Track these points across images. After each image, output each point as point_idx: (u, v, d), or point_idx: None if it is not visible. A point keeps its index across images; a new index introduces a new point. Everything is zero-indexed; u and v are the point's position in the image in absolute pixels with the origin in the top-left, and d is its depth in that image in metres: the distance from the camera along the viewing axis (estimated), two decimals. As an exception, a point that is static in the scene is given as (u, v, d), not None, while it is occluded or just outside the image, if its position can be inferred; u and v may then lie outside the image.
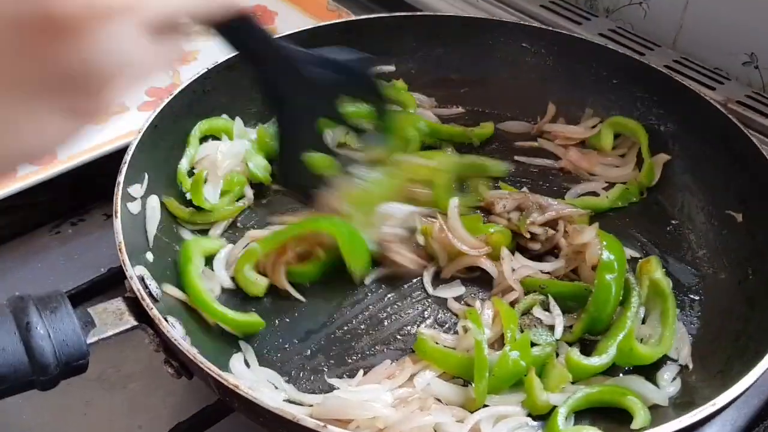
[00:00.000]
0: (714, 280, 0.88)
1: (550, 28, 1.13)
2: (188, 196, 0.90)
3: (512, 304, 0.82)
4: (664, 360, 0.79)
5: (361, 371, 0.77)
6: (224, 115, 1.00)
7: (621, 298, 0.80)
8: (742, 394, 0.67)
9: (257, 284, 0.83)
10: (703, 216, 0.94)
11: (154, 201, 0.87)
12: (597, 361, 0.76)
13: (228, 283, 0.85)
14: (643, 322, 0.81)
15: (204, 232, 0.91)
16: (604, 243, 0.81)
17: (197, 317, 0.80)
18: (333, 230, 0.82)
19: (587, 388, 0.74)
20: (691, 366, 0.78)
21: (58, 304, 0.63)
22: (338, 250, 0.82)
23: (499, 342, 0.78)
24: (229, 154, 0.94)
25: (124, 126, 1.04)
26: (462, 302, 0.85)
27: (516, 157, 1.04)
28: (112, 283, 0.90)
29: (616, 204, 0.96)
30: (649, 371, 0.78)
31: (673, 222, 0.96)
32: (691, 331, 0.82)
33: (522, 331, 0.79)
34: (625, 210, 0.97)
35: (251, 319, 0.80)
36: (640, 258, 0.88)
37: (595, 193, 0.99)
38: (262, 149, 0.98)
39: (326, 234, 0.83)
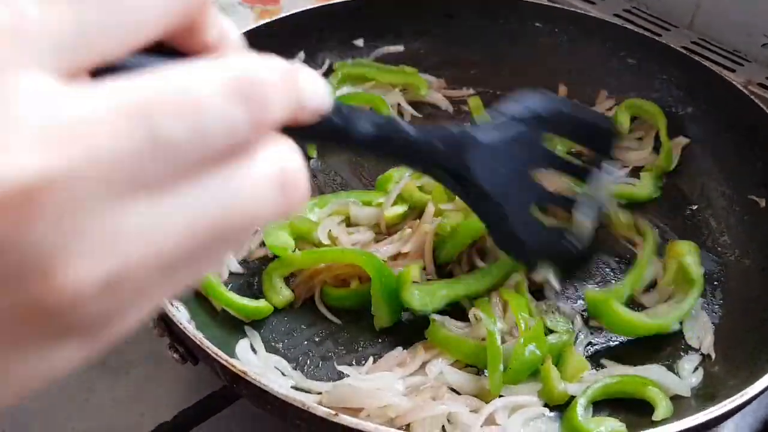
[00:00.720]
0: (737, 267, 0.85)
1: (564, 7, 1.10)
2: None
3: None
4: (686, 349, 0.77)
5: (371, 358, 0.75)
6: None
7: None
8: (769, 385, 0.64)
9: (281, 295, 0.78)
10: (724, 201, 0.91)
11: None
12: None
13: (235, 267, 0.82)
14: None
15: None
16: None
17: (202, 302, 0.77)
18: (372, 272, 0.76)
19: (606, 378, 0.71)
20: (713, 356, 0.76)
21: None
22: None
23: (513, 330, 0.75)
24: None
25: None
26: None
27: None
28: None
29: (653, 195, 0.93)
30: (671, 361, 0.76)
31: (693, 208, 0.93)
32: (713, 319, 0.80)
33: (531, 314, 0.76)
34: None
35: (260, 305, 0.77)
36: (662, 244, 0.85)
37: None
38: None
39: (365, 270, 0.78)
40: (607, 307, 0.76)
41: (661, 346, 0.78)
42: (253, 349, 0.75)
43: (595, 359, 0.77)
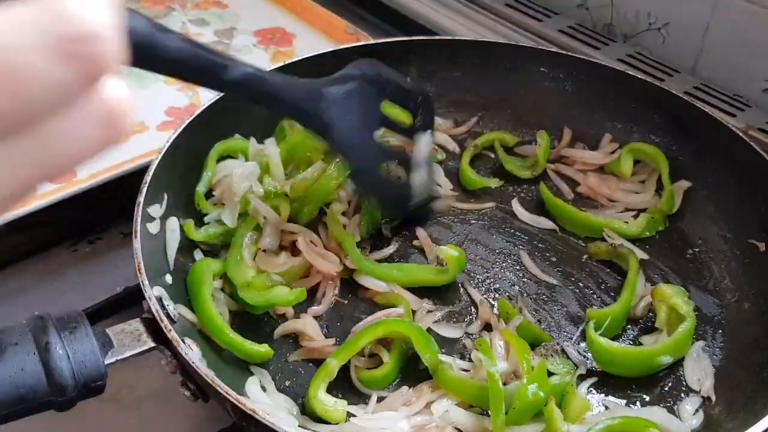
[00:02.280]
0: (737, 310, 0.86)
1: (568, 53, 1.13)
2: (206, 218, 0.90)
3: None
4: (687, 391, 0.78)
5: (375, 396, 0.76)
6: (237, 135, 1.00)
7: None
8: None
9: (337, 410, 0.74)
10: (725, 245, 0.93)
11: (173, 223, 0.86)
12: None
13: (234, 307, 0.84)
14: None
15: (216, 253, 0.90)
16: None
17: (211, 339, 0.79)
18: (406, 330, 0.78)
19: (609, 420, 0.72)
20: (714, 399, 0.77)
21: (77, 324, 0.63)
22: (402, 352, 0.79)
23: (516, 371, 0.76)
24: (243, 177, 0.93)
25: (143, 145, 1.04)
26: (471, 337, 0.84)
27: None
28: (128, 302, 0.90)
29: (644, 234, 0.95)
30: (672, 403, 0.77)
31: (695, 250, 0.95)
32: (714, 362, 0.81)
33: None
34: (645, 238, 0.95)
35: (260, 350, 0.78)
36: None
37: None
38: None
39: (396, 336, 0.79)
40: (589, 337, 0.79)
41: (663, 389, 0.79)
42: (263, 387, 0.77)
43: (598, 401, 0.78)
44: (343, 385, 0.78)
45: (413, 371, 0.79)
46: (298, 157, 0.97)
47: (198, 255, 0.88)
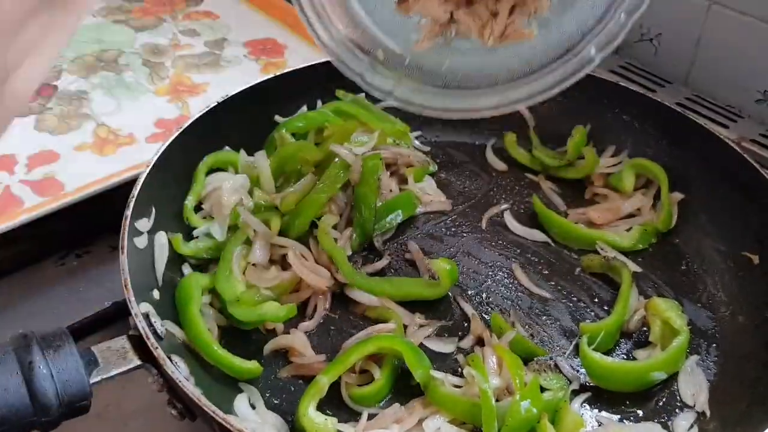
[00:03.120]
0: (731, 323, 0.86)
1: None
2: (195, 232, 0.89)
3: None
4: (681, 407, 0.77)
5: (366, 414, 0.75)
6: (227, 147, 0.99)
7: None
8: (763, 445, 0.65)
9: (327, 428, 0.72)
10: (719, 257, 0.92)
11: (162, 238, 0.85)
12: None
13: (223, 322, 0.83)
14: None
15: (204, 267, 0.89)
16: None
17: (200, 355, 0.78)
18: (397, 346, 0.77)
19: (602, 436, 0.72)
20: (708, 413, 0.76)
21: (61, 342, 0.62)
22: (394, 368, 0.78)
23: (509, 387, 0.75)
24: (232, 190, 0.92)
25: (131, 157, 1.03)
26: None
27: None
28: (115, 317, 0.89)
29: (637, 246, 0.94)
30: (666, 418, 0.76)
31: (688, 263, 0.94)
32: (708, 376, 0.80)
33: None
34: (638, 250, 0.95)
35: (249, 366, 0.77)
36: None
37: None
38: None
39: (387, 352, 0.78)
40: (583, 352, 0.78)
41: (657, 404, 0.78)
42: (252, 405, 0.75)
43: (591, 416, 0.77)
44: (334, 402, 0.76)
45: (405, 387, 0.78)
46: (288, 170, 0.96)
47: (186, 269, 0.87)
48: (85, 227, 1.02)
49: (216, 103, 0.97)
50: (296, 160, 0.95)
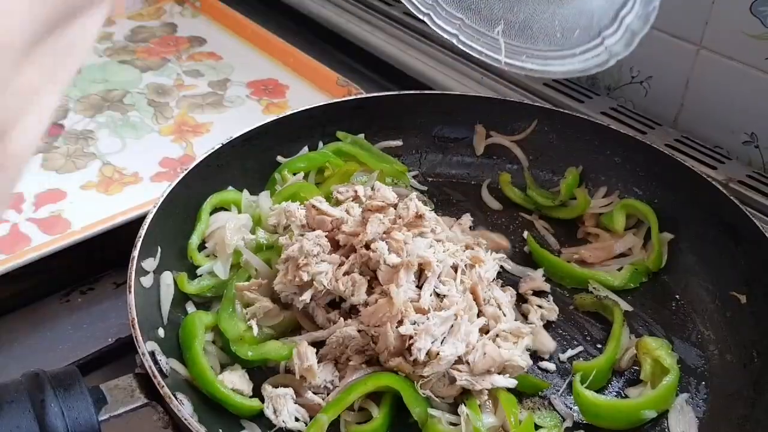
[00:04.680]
0: (720, 362, 0.88)
1: (552, 107, 1.16)
2: (198, 271, 0.92)
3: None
4: (671, 444, 0.80)
5: (366, 450, 0.77)
6: (230, 187, 1.02)
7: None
8: (750, 483, 0.67)
9: None
10: (707, 296, 0.95)
11: (168, 278, 0.88)
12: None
13: (225, 360, 0.84)
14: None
15: (208, 305, 0.91)
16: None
17: (203, 393, 0.80)
18: (396, 384, 0.79)
19: (595, 472, 0.74)
20: (698, 451, 0.78)
21: (72, 381, 0.64)
22: (392, 406, 0.80)
23: (504, 426, 0.77)
24: (235, 229, 0.95)
25: (137, 196, 1.06)
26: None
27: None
28: (120, 353, 0.91)
29: (628, 285, 0.97)
30: (657, 456, 0.78)
31: (678, 301, 0.96)
32: (698, 414, 0.82)
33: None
34: (629, 289, 0.97)
35: (251, 404, 0.79)
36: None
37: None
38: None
39: (386, 390, 0.80)
40: (576, 391, 0.80)
41: (648, 442, 0.80)
42: (254, 441, 0.77)
43: (585, 454, 0.79)
44: (334, 435, 0.79)
45: (403, 426, 0.80)
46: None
47: (190, 308, 0.89)
48: (89, 265, 1.04)
49: (221, 145, 1.00)
50: (297, 199, 0.98)
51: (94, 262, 1.04)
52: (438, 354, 0.77)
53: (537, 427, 0.77)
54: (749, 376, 0.84)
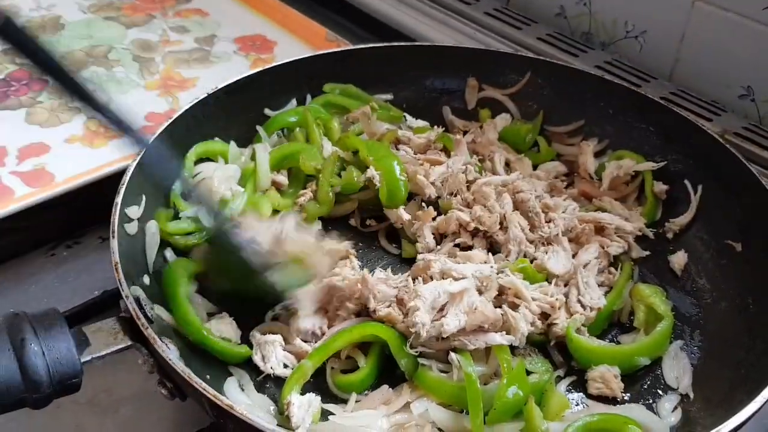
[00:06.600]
0: (714, 309, 0.87)
1: (546, 59, 1.14)
2: (181, 214, 0.90)
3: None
4: (665, 389, 0.79)
5: (354, 396, 0.76)
6: (217, 138, 1.00)
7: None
8: (744, 423, 0.66)
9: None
10: (702, 245, 0.94)
11: (153, 226, 0.86)
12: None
13: (212, 309, 0.83)
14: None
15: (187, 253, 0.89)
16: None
17: (190, 341, 0.78)
18: (383, 334, 0.78)
19: (588, 417, 0.72)
20: (692, 396, 0.78)
21: (53, 321, 0.63)
22: (380, 356, 0.79)
23: (497, 371, 0.76)
24: (223, 179, 0.93)
25: (121, 150, 1.03)
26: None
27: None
28: (106, 305, 0.90)
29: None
30: (651, 401, 0.77)
31: (673, 252, 0.95)
32: (692, 360, 0.82)
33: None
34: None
35: (238, 349, 0.78)
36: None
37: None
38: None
39: (373, 339, 0.79)
40: (569, 336, 0.79)
41: (642, 387, 0.79)
42: (241, 387, 0.76)
43: (577, 399, 0.78)
44: (324, 385, 0.78)
45: (392, 375, 0.78)
46: (286, 167, 0.98)
47: (170, 255, 0.87)
48: (75, 218, 1.02)
49: (206, 95, 0.98)
50: (295, 161, 0.96)
51: (79, 217, 1.02)
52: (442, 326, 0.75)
53: (528, 372, 0.76)
54: (744, 323, 0.83)
